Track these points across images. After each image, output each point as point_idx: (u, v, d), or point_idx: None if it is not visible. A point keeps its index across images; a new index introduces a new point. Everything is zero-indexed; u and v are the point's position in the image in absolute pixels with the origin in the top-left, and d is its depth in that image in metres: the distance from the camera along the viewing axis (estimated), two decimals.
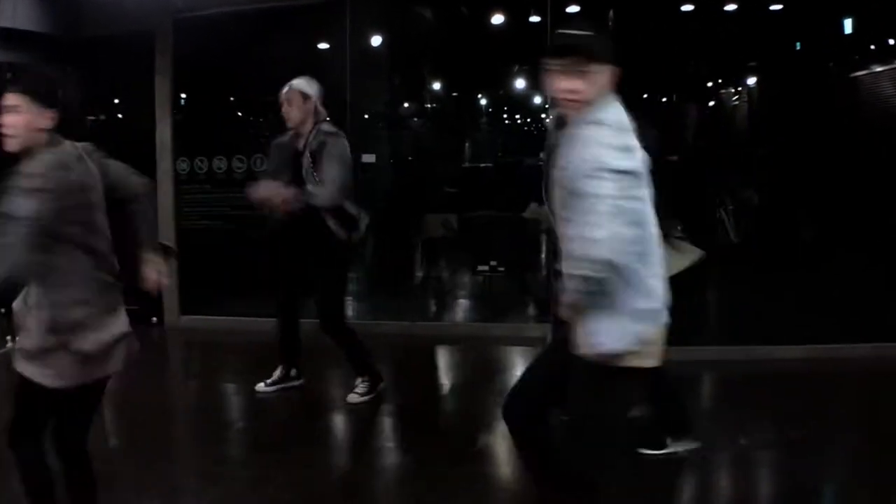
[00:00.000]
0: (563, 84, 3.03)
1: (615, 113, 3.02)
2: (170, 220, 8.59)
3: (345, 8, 8.08)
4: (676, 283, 3.21)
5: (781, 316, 7.21)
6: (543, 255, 8.85)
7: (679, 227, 4.82)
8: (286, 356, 6.35)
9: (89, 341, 3.27)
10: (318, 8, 8.22)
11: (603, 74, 3.03)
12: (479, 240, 9.57)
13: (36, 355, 3.22)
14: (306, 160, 5.79)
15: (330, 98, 5.98)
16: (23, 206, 3.06)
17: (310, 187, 5.72)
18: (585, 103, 3.01)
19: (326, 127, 5.90)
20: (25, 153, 3.28)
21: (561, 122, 3.29)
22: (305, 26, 8.33)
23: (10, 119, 3.29)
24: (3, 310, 3.75)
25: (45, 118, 3.31)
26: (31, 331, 3.24)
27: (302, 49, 8.33)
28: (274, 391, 6.24)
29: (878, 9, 7.87)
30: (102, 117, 9.35)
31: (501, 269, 9.38)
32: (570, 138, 3.04)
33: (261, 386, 6.30)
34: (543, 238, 8.13)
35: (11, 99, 3.31)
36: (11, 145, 3.30)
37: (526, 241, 9.02)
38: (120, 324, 3.47)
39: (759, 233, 8.98)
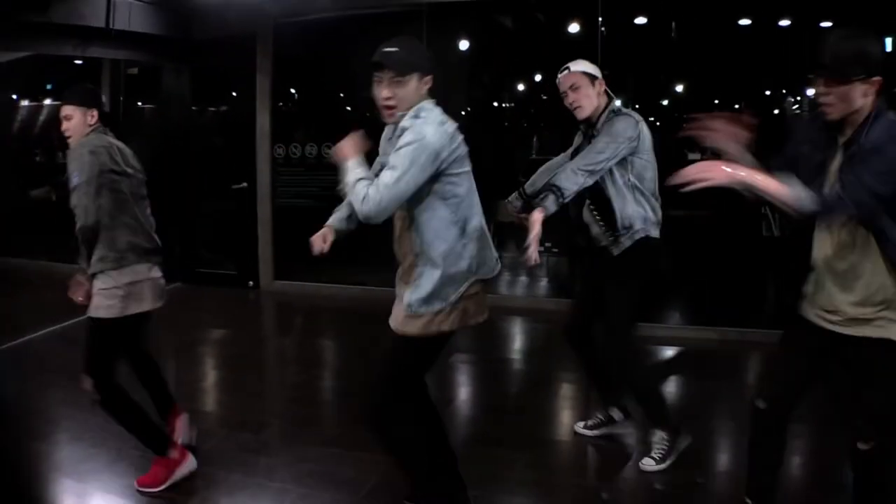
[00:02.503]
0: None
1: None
2: (267, 199, 9.01)
3: (422, 16, 8.29)
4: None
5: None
6: None
7: None
8: (605, 393, 4.78)
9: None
10: (398, 15, 8.45)
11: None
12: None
13: None
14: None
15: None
16: None
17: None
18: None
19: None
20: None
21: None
22: (387, 31, 8.48)
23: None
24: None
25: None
26: None
27: None
28: (594, 435, 4.74)
29: None
30: (211, 109, 9.74)
31: (555, 250, 9.43)
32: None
33: (579, 425, 4.81)
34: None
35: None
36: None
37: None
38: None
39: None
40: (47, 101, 9.77)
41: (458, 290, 3.21)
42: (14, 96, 10.26)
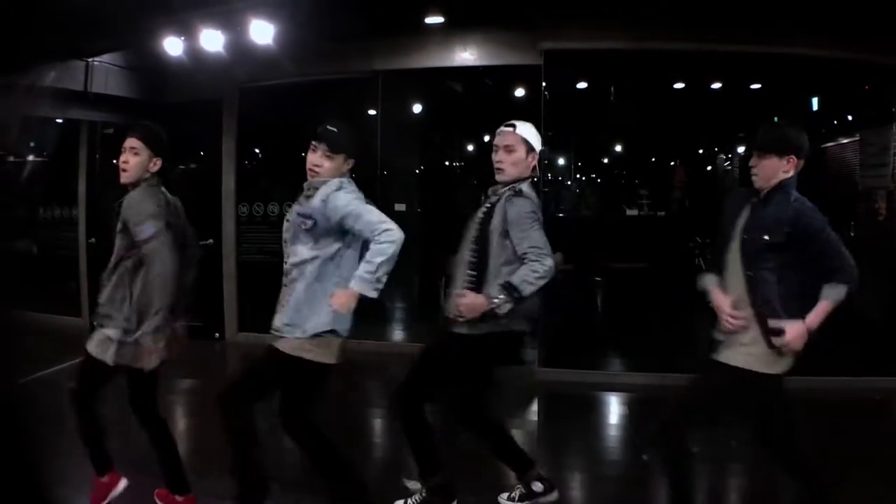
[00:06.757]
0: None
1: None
2: (232, 254, 9.05)
3: (378, 82, 8.45)
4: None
5: None
6: None
7: None
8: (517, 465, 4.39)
9: None
10: (355, 81, 8.58)
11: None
12: None
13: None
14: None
15: (364, 156, 6.00)
16: None
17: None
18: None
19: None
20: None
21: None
22: (345, 95, 8.77)
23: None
24: None
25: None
26: None
27: (342, 114, 8.55)
28: None
29: (839, 90, 8.03)
30: (181, 167, 9.70)
31: None
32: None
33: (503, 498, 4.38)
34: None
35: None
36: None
37: None
38: None
39: None
40: (30, 158, 9.64)
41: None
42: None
